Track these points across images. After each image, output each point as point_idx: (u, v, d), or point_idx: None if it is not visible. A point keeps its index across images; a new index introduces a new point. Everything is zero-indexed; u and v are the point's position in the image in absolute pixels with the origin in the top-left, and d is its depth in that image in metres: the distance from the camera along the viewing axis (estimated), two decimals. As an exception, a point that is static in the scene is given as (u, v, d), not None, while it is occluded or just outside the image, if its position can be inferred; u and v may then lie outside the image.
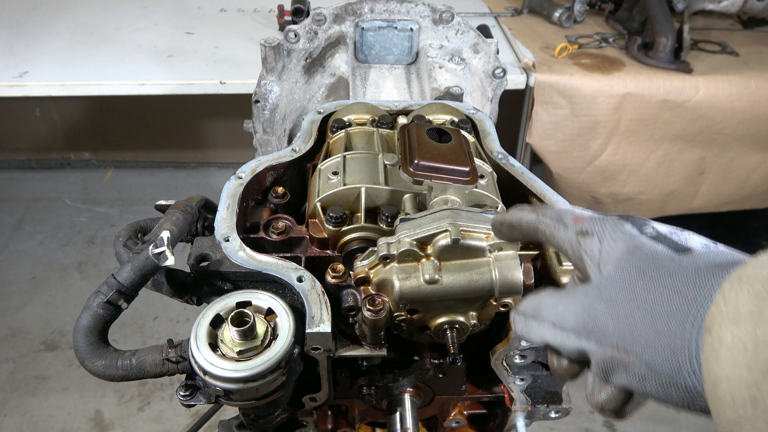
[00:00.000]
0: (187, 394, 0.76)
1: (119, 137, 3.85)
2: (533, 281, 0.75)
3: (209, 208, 0.95)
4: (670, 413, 2.60)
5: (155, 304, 2.93)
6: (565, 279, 0.78)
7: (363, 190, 0.88)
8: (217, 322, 0.74)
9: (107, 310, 0.75)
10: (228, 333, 0.72)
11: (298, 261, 0.84)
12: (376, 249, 0.77)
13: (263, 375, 0.70)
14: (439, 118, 1.09)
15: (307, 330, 0.74)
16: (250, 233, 0.90)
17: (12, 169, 3.91)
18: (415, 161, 0.81)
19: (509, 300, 0.78)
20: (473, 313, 0.79)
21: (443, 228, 0.74)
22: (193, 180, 3.90)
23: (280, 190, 0.96)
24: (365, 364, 0.91)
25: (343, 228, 0.86)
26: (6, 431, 2.48)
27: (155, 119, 3.75)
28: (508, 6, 2.98)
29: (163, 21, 2.72)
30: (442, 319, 0.79)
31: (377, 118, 1.08)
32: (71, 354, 2.69)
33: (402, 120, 1.08)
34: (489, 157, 1.02)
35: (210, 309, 0.75)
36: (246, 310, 0.73)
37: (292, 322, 0.74)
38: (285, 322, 0.74)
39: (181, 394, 0.76)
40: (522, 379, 0.91)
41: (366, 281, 0.78)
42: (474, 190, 0.85)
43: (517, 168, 0.99)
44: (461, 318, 0.79)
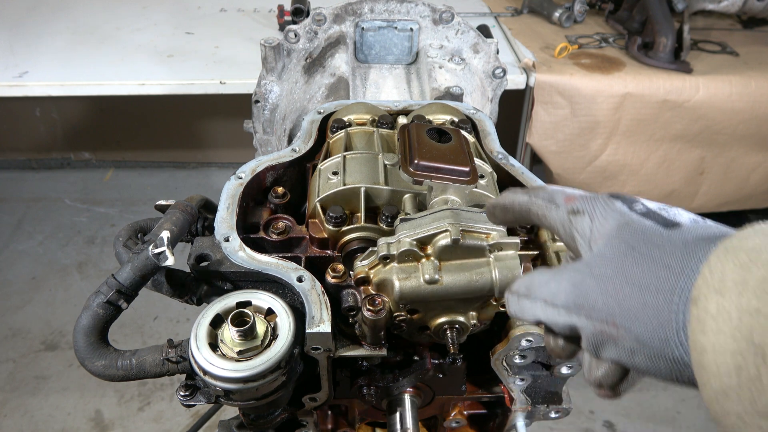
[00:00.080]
0: (187, 394, 0.76)
1: (119, 137, 3.84)
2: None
3: (209, 208, 0.95)
4: (670, 413, 2.60)
5: (155, 304, 2.93)
6: None
7: (363, 190, 0.88)
8: (217, 322, 0.74)
9: (107, 310, 0.75)
10: (228, 333, 0.72)
11: (298, 261, 0.84)
12: (376, 249, 0.77)
13: (263, 375, 0.70)
14: (439, 118, 1.09)
15: (307, 330, 0.74)
16: (250, 233, 0.90)
17: (12, 169, 3.91)
18: (415, 161, 0.81)
19: (509, 300, 0.78)
20: (473, 313, 0.79)
21: (443, 228, 0.74)
22: (193, 180, 3.90)
23: (280, 190, 0.96)
24: (365, 364, 0.91)
25: (343, 228, 0.86)
26: (6, 431, 2.48)
27: (155, 119, 3.75)
28: (508, 6, 2.98)
29: (163, 21, 2.72)
30: (442, 319, 0.79)
31: (377, 118, 1.07)
32: (71, 354, 2.69)
33: (402, 120, 1.08)
34: (489, 157, 1.02)
35: (210, 309, 0.75)
36: (246, 310, 0.73)
37: (292, 322, 0.74)
38: (285, 322, 0.74)
39: (181, 394, 0.76)
40: (522, 379, 0.91)
41: (366, 281, 0.78)
42: (474, 190, 0.85)
43: (517, 168, 0.99)
44: (461, 318, 0.79)
